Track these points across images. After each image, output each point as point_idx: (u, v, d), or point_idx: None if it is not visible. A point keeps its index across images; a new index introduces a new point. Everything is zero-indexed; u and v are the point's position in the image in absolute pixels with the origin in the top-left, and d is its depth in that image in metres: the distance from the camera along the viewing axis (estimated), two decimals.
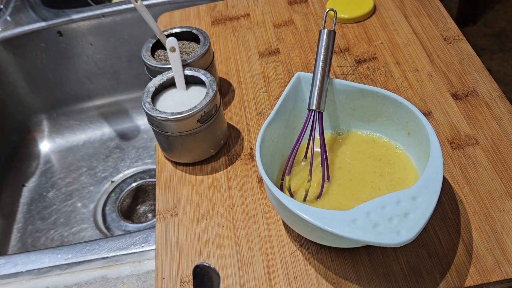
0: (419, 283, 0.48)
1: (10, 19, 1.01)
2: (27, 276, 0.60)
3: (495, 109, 0.62)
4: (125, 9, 0.99)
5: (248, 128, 0.66)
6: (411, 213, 0.42)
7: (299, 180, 0.55)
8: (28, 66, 1.03)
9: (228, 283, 0.51)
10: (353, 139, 0.58)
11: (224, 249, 0.54)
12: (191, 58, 0.63)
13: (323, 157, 0.53)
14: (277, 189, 0.46)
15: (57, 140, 1.09)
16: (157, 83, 0.61)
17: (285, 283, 0.50)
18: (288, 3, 0.84)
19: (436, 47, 0.71)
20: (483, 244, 0.50)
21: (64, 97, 1.09)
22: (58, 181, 1.02)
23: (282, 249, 0.53)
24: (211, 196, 0.59)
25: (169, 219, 0.57)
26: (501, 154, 0.57)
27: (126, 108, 1.11)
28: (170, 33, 0.68)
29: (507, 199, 0.53)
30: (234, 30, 0.81)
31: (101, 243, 0.61)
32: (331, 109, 0.58)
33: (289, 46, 0.76)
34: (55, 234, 0.93)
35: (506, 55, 1.63)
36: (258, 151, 0.49)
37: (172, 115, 0.56)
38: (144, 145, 1.07)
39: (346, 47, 0.74)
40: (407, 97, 0.65)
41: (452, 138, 0.60)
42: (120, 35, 1.02)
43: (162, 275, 0.53)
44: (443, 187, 0.54)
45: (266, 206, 0.57)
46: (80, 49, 1.03)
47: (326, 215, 0.43)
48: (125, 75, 1.07)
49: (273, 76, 0.72)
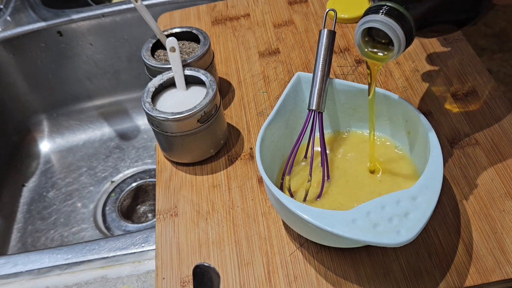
0: (419, 283, 0.48)
1: (10, 19, 1.01)
2: (27, 276, 0.60)
3: (495, 109, 0.62)
4: (125, 9, 0.99)
5: (248, 128, 0.66)
6: (411, 213, 0.42)
7: (299, 180, 0.55)
8: (28, 66, 1.03)
9: (228, 283, 0.51)
10: (353, 139, 0.58)
11: (224, 249, 0.54)
12: (191, 58, 0.63)
13: (323, 157, 0.53)
14: (277, 189, 0.46)
15: (57, 140, 1.09)
16: (157, 83, 0.61)
17: (285, 283, 0.50)
18: (288, 3, 0.84)
19: (436, 47, 0.71)
20: (483, 244, 0.50)
21: (64, 97, 1.09)
22: (58, 181, 1.02)
23: (282, 249, 0.53)
24: (211, 196, 0.59)
25: (169, 219, 0.57)
26: (501, 154, 0.57)
27: (126, 108, 1.11)
28: (170, 33, 0.68)
29: (507, 199, 0.53)
30: (234, 30, 0.81)
31: (101, 243, 0.61)
32: (331, 109, 0.58)
33: (289, 46, 0.76)
34: (55, 234, 0.93)
35: (506, 55, 1.62)
36: (258, 151, 0.50)
37: (172, 115, 0.56)
38: (144, 145, 1.07)
39: (346, 47, 0.74)
40: (407, 97, 0.65)
41: (452, 138, 0.60)
42: (120, 35, 1.02)
43: (162, 275, 0.53)
44: (443, 187, 0.54)
45: (266, 206, 0.57)
46: (80, 49, 1.03)
47: (326, 215, 0.43)
48: (125, 75, 1.07)
49: (273, 76, 0.72)
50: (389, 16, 0.42)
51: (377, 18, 0.42)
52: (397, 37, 0.42)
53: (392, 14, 0.42)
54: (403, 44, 0.43)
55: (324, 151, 0.53)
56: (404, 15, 0.42)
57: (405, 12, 0.42)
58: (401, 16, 0.42)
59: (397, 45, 0.43)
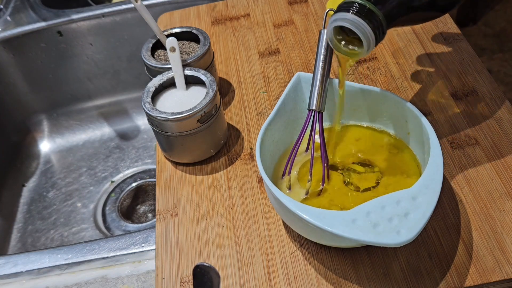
0: (419, 283, 0.48)
1: (10, 19, 1.01)
2: (27, 276, 0.60)
3: (495, 109, 0.62)
4: (125, 9, 0.99)
5: (248, 128, 0.66)
6: (411, 213, 0.42)
7: (299, 179, 0.55)
8: (28, 66, 1.03)
9: (228, 283, 0.51)
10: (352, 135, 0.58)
11: (224, 249, 0.54)
12: (191, 58, 0.63)
13: (323, 156, 0.53)
14: (277, 189, 0.46)
15: (57, 140, 1.09)
16: (157, 83, 0.61)
17: (285, 283, 0.50)
18: (288, 3, 0.84)
19: (436, 47, 0.71)
20: (483, 244, 0.50)
21: (64, 97, 1.09)
22: (58, 181, 1.02)
23: (282, 249, 0.53)
24: (211, 196, 0.59)
25: (169, 219, 0.58)
26: (501, 154, 0.57)
27: (126, 108, 1.11)
28: (170, 33, 0.68)
29: (507, 199, 0.53)
30: (234, 30, 0.81)
31: (101, 243, 0.61)
32: (331, 109, 0.58)
33: (289, 46, 0.76)
34: (55, 234, 0.93)
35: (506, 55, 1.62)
36: (258, 151, 0.50)
37: (172, 115, 0.56)
38: (144, 145, 1.07)
39: None
40: (407, 97, 0.65)
41: (452, 138, 0.60)
42: (120, 35, 1.02)
43: (162, 275, 0.53)
44: (443, 187, 0.54)
45: (266, 206, 0.57)
46: (80, 49, 1.03)
47: (326, 215, 0.43)
48: (125, 75, 1.07)
49: (273, 76, 0.72)
50: (358, 14, 0.42)
51: (346, 16, 0.43)
52: (366, 35, 0.43)
53: (361, 12, 0.42)
54: (373, 41, 0.43)
55: (324, 151, 0.53)
56: (373, 11, 0.42)
57: (373, 9, 0.42)
58: (370, 13, 0.42)
59: (366, 43, 0.43)
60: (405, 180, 0.52)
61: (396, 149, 0.55)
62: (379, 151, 0.55)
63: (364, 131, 0.57)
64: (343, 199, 0.52)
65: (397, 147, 0.55)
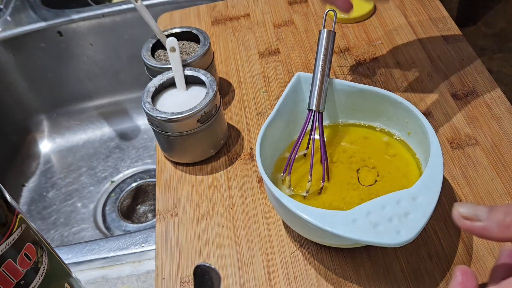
0: (419, 283, 0.48)
1: (10, 19, 1.01)
2: None
3: (495, 109, 0.62)
4: (125, 9, 0.99)
5: (248, 128, 0.66)
6: (411, 213, 0.42)
7: (299, 179, 0.55)
8: (28, 66, 1.03)
9: (228, 283, 0.51)
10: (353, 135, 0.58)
11: (224, 249, 0.54)
12: (191, 58, 0.63)
13: (323, 156, 0.53)
14: (277, 189, 0.46)
15: (57, 140, 1.09)
16: (157, 83, 0.61)
17: (285, 283, 0.50)
18: (288, 3, 0.84)
19: (436, 47, 0.71)
20: (483, 244, 0.50)
21: (64, 97, 1.09)
22: (58, 181, 1.02)
23: (282, 249, 0.53)
24: (211, 196, 0.59)
25: (169, 219, 0.58)
26: (501, 154, 0.57)
27: (126, 108, 1.11)
28: (170, 33, 0.68)
29: (507, 199, 0.53)
30: (234, 30, 0.81)
31: (101, 243, 0.61)
32: (331, 109, 0.58)
33: (289, 46, 0.76)
34: (55, 234, 0.93)
35: (506, 55, 1.62)
36: (258, 151, 0.50)
37: (172, 115, 0.56)
38: (144, 145, 1.07)
39: (346, 47, 0.74)
40: (407, 97, 0.65)
41: (452, 138, 0.60)
42: (120, 35, 1.02)
43: (162, 275, 0.53)
44: (443, 187, 0.54)
45: (266, 206, 0.57)
46: (80, 49, 1.03)
47: (326, 215, 0.43)
48: (125, 75, 1.07)
49: (273, 76, 0.72)
50: None
51: None
52: None
53: None
54: None
55: (324, 151, 0.53)
56: None
57: None
58: None
59: None
60: (405, 180, 0.52)
61: (396, 149, 0.55)
62: (379, 151, 0.55)
63: (364, 131, 0.57)
64: (343, 199, 0.52)
65: (397, 147, 0.55)
